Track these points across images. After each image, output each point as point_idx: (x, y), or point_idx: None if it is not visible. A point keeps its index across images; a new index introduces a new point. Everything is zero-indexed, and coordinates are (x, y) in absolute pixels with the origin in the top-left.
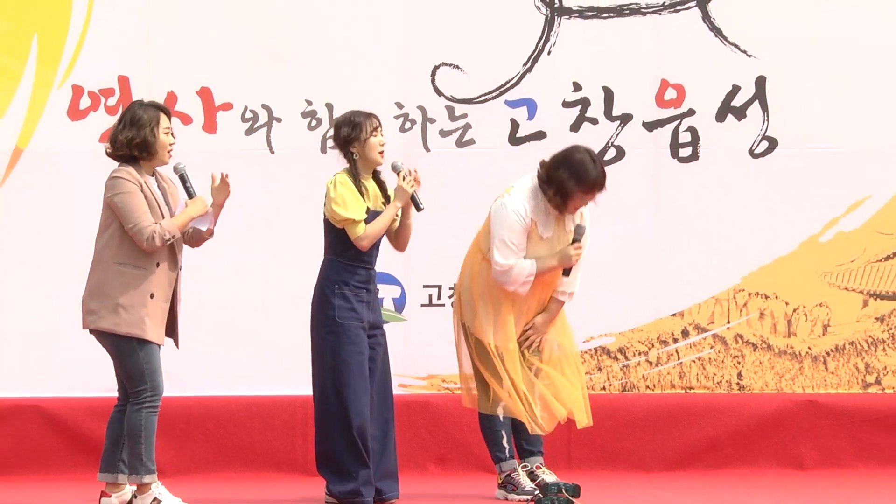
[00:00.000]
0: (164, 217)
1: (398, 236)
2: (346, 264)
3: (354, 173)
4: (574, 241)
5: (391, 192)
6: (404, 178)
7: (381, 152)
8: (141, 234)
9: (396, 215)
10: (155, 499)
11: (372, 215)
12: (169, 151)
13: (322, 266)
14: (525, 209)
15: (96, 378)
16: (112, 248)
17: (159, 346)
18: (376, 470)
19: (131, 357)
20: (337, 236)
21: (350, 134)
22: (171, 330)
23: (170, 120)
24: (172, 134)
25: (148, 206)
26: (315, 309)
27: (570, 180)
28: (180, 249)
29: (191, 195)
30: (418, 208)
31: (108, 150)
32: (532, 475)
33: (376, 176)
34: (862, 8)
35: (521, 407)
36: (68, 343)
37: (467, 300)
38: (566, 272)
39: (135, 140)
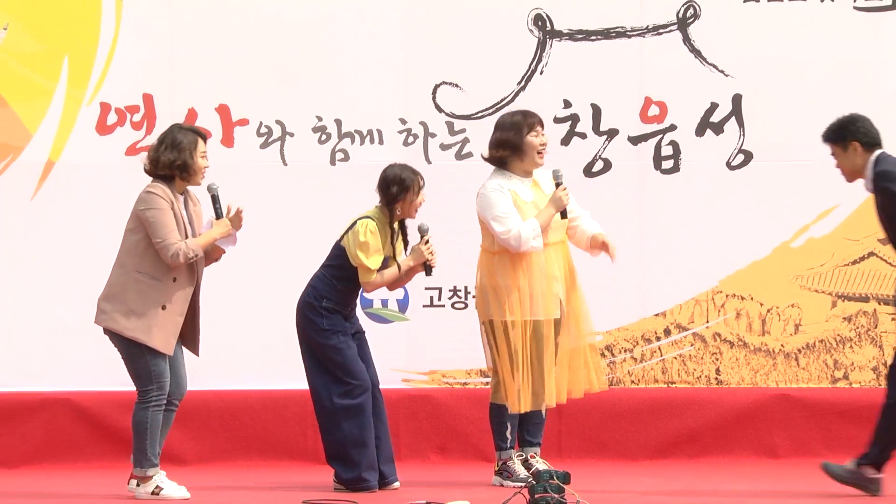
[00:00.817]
0: (187, 234)
1: (393, 284)
2: (341, 288)
3: (391, 226)
4: (557, 185)
5: (405, 235)
6: (426, 243)
7: (417, 210)
8: (167, 249)
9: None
10: (157, 486)
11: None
12: (203, 174)
13: (315, 278)
14: (499, 184)
15: (122, 373)
16: (136, 256)
17: (191, 352)
18: (378, 456)
19: (140, 359)
20: (344, 264)
21: (399, 194)
22: (192, 339)
23: (205, 144)
24: (207, 157)
25: (175, 223)
26: (303, 318)
27: (510, 132)
28: (201, 266)
29: (218, 216)
30: (428, 273)
31: (146, 168)
32: (526, 463)
33: (401, 223)
34: (829, 33)
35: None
36: (96, 340)
37: (486, 295)
38: (563, 215)
39: (176, 162)
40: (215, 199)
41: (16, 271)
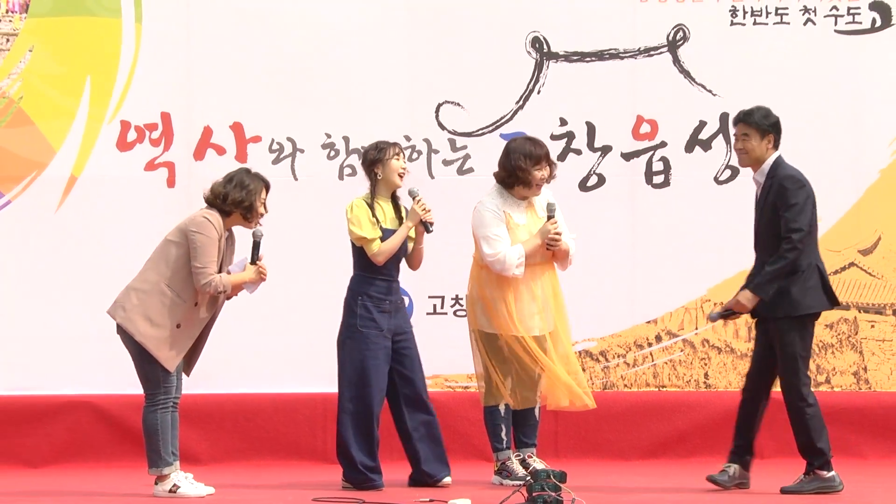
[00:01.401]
0: (221, 268)
1: (412, 258)
2: (369, 277)
3: (373, 194)
4: (549, 217)
5: (405, 214)
6: (418, 202)
7: (401, 175)
8: (203, 276)
9: (411, 237)
10: (174, 485)
11: (387, 234)
12: (258, 220)
13: (350, 280)
14: (496, 205)
15: None
16: (169, 270)
17: (172, 371)
18: (426, 456)
19: (151, 364)
20: (360, 253)
21: (376, 156)
22: (189, 360)
23: (267, 193)
24: (265, 206)
25: (217, 255)
26: (342, 317)
27: (517, 162)
28: (222, 300)
29: (253, 262)
30: (428, 230)
31: (207, 197)
32: (524, 463)
33: (394, 199)
34: (811, 55)
35: (563, 383)
36: (117, 345)
37: (477, 306)
38: (549, 246)
39: (244, 203)
40: (257, 246)
41: (40, 280)
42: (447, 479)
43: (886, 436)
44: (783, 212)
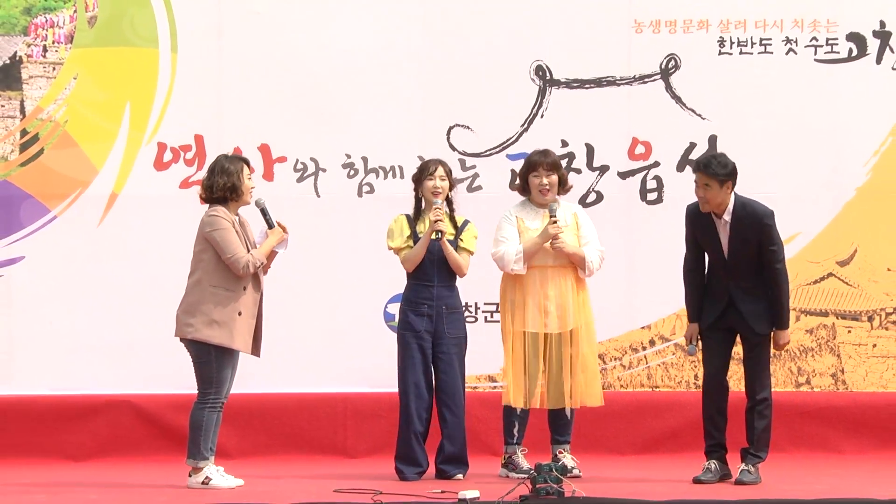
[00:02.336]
0: (247, 247)
1: (451, 265)
2: (411, 283)
3: (416, 209)
4: (550, 216)
5: (459, 225)
6: (433, 212)
7: (435, 193)
8: (238, 262)
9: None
10: (206, 477)
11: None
12: (250, 194)
13: None
14: (510, 212)
15: (176, 378)
16: (209, 273)
17: (251, 354)
18: (444, 454)
19: (208, 365)
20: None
21: (417, 176)
22: (255, 343)
23: (250, 169)
24: (252, 179)
25: (239, 239)
26: None
27: (522, 169)
28: (262, 274)
29: (270, 226)
30: (436, 237)
31: (202, 196)
32: (555, 459)
33: (452, 212)
34: (792, 82)
35: (521, 391)
36: (154, 349)
37: (502, 307)
38: (553, 246)
39: (227, 184)
40: (265, 212)
41: (84, 290)
42: (459, 476)
43: (862, 432)
44: (770, 246)
